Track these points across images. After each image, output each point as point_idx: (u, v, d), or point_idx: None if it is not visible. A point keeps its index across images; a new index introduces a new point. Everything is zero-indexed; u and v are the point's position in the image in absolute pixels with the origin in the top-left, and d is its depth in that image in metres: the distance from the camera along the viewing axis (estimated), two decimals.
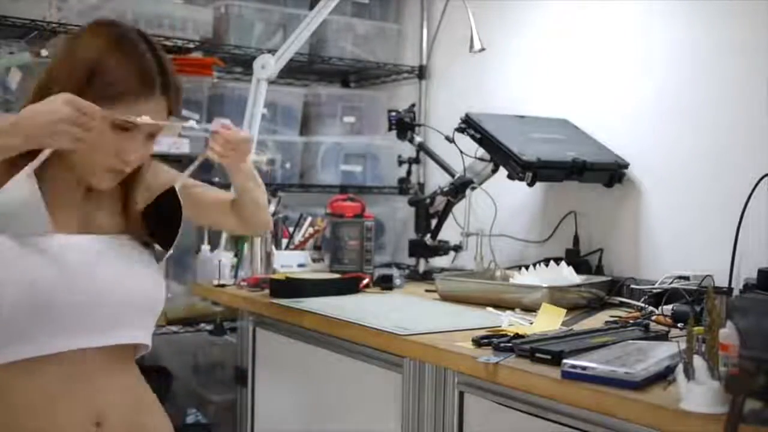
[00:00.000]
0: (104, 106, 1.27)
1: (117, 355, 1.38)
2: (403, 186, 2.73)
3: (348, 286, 2.20)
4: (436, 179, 2.72)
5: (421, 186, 2.99)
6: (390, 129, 2.61)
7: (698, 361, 1.12)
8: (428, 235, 2.50)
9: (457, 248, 2.47)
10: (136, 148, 1.34)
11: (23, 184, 1.27)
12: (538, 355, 1.37)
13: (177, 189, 1.48)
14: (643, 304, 1.90)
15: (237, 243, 2.40)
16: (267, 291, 2.12)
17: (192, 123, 1.41)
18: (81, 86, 1.28)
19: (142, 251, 1.45)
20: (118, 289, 1.36)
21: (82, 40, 1.35)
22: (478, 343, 1.50)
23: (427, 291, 2.23)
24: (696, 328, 1.19)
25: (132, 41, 1.34)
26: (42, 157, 1.29)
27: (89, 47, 1.32)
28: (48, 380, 1.30)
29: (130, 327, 1.39)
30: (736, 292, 1.73)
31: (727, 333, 1.09)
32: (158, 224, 1.47)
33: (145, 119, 1.31)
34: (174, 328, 2.64)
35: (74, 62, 1.32)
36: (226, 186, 2.45)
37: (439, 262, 2.62)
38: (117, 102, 1.30)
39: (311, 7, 2.60)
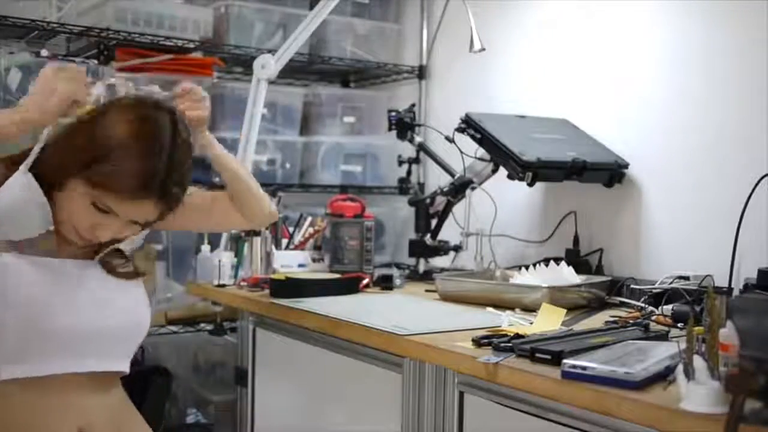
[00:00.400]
0: (96, 190, 1.26)
1: (101, 376, 1.39)
2: (403, 186, 2.73)
3: (348, 286, 2.20)
4: (436, 179, 2.71)
5: (421, 186, 2.99)
6: (390, 129, 2.61)
7: (698, 361, 1.12)
8: (428, 235, 2.50)
9: (457, 248, 2.47)
10: (112, 229, 1.32)
11: (21, 181, 1.28)
12: (538, 355, 1.37)
13: None
14: (643, 304, 1.90)
15: (237, 243, 2.40)
16: (267, 291, 2.12)
17: (155, 87, 1.39)
18: (84, 164, 1.27)
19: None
20: (97, 321, 1.37)
21: (107, 119, 1.30)
22: (478, 343, 1.50)
23: (427, 291, 2.23)
24: (696, 328, 1.19)
25: (151, 137, 1.29)
26: (33, 155, 1.30)
27: (108, 132, 1.28)
28: (33, 398, 1.31)
29: (117, 355, 1.42)
30: (736, 292, 1.73)
31: (727, 333, 1.09)
32: None
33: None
34: (174, 328, 2.64)
35: (89, 140, 1.29)
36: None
37: (439, 262, 2.62)
38: (109, 192, 1.27)
39: (311, 7, 2.60)
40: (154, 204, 1.30)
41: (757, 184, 1.77)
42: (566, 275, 2.02)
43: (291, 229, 2.57)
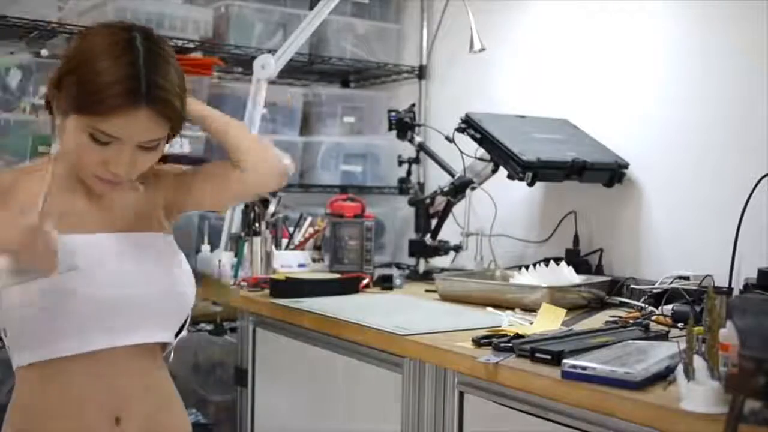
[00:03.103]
0: (87, 117, 1.25)
1: (142, 354, 1.38)
2: (403, 186, 2.73)
3: (348, 286, 2.20)
4: (436, 179, 2.71)
5: (421, 186, 2.99)
6: (390, 129, 2.61)
7: (698, 361, 1.12)
8: (428, 235, 2.50)
9: (457, 248, 2.47)
10: (123, 160, 1.29)
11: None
12: (538, 355, 1.37)
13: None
14: (643, 304, 1.90)
15: (237, 243, 2.40)
16: (267, 291, 2.12)
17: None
18: (71, 95, 1.26)
19: (167, 247, 1.44)
20: (140, 290, 1.35)
21: (82, 42, 1.31)
22: (478, 343, 1.50)
23: (427, 291, 2.23)
24: (696, 328, 1.19)
25: (126, 46, 1.27)
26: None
27: (83, 52, 1.28)
28: (71, 381, 1.31)
29: (153, 327, 1.38)
30: (736, 292, 1.73)
31: (727, 333, 1.08)
32: None
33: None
34: None
35: (68, 66, 1.29)
36: None
37: (439, 262, 2.62)
38: (98, 114, 1.24)
39: (311, 7, 2.60)
40: (146, 113, 1.25)
41: (757, 184, 1.77)
42: (566, 275, 2.02)
43: (291, 229, 2.57)
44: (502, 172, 2.26)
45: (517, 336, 1.50)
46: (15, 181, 1.35)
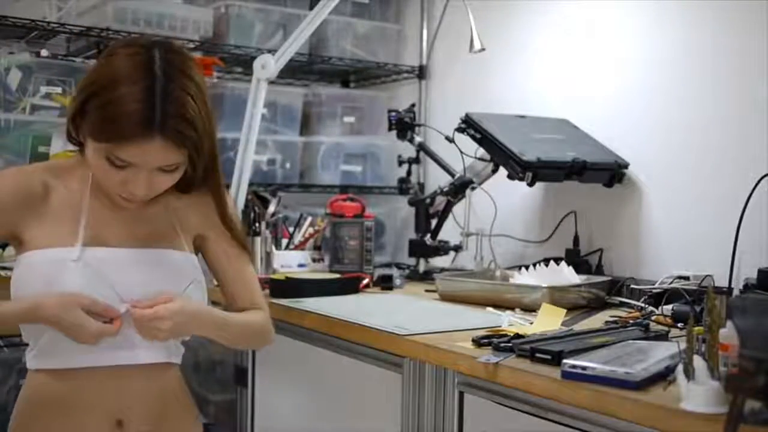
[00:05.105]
0: (102, 143, 1.26)
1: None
2: (403, 186, 2.73)
3: (348, 286, 2.20)
4: (436, 179, 2.71)
5: (421, 186, 2.99)
6: (390, 129, 2.61)
7: (698, 361, 1.12)
8: (428, 235, 2.50)
9: (457, 248, 2.47)
10: (141, 182, 1.30)
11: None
12: (538, 355, 1.37)
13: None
14: (643, 304, 1.90)
15: None
16: (267, 291, 2.12)
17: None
18: (89, 121, 1.27)
19: (186, 266, 1.43)
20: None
21: (103, 66, 1.30)
22: (478, 343, 1.50)
23: (427, 291, 2.23)
24: (696, 328, 1.19)
25: (144, 71, 1.25)
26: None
27: (102, 77, 1.27)
28: (77, 385, 1.32)
29: (167, 345, 1.40)
30: (736, 292, 1.73)
31: (727, 333, 1.09)
32: None
33: None
34: None
35: (88, 91, 1.28)
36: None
37: (439, 262, 2.62)
38: (111, 142, 1.25)
39: (311, 7, 2.60)
40: (161, 142, 1.25)
41: (757, 184, 1.77)
42: (566, 275, 2.02)
43: (291, 229, 2.57)
44: (502, 172, 2.26)
45: (517, 336, 1.50)
46: (47, 185, 1.36)
